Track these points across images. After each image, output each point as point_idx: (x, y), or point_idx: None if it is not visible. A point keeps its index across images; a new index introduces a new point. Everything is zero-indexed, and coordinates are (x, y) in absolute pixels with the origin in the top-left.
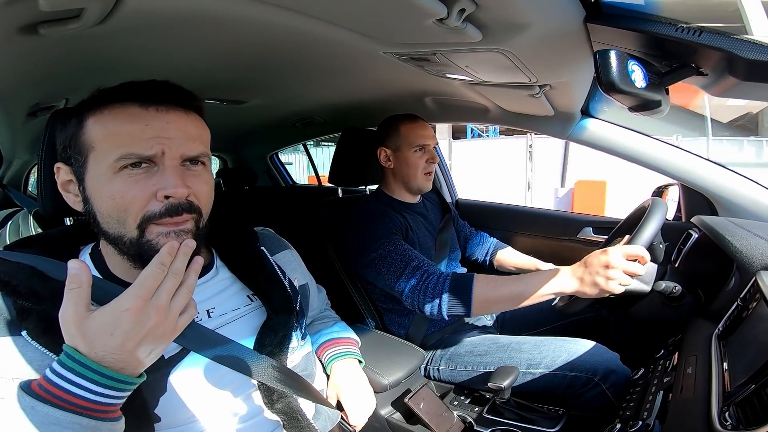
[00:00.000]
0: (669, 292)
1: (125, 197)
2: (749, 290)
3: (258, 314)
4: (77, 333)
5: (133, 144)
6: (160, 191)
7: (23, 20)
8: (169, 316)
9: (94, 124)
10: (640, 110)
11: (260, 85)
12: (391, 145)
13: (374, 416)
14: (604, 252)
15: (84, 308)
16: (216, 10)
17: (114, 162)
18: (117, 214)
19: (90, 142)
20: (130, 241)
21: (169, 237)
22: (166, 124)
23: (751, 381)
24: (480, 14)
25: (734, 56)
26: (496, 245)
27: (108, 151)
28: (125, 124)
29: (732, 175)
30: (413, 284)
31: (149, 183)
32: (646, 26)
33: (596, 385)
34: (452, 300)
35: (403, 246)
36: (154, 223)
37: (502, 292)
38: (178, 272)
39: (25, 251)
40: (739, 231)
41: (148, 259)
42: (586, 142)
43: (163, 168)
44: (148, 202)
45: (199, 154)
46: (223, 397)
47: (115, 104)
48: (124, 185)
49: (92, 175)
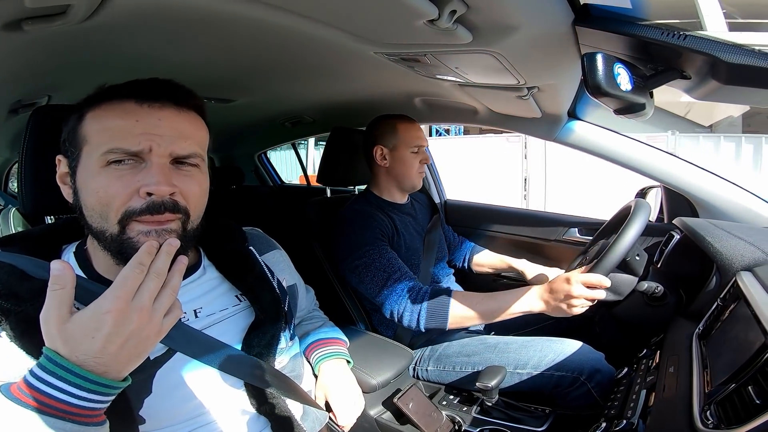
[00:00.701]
0: (651, 293)
1: (108, 191)
2: (729, 290)
3: (246, 315)
4: (58, 335)
5: (122, 139)
6: (143, 188)
7: (7, 17)
8: (153, 318)
9: (92, 118)
10: (625, 113)
11: (249, 83)
12: (388, 144)
13: (363, 416)
14: (567, 281)
15: (66, 310)
16: (204, 7)
17: (101, 156)
18: (100, 209)
19: (84, 135)
20: (111, 237)
21: (149, 236)
22: (157, 120)
23: (731, 380)
24: (471, 16)
25: (717, 60)
26: (473, 249)
27: (98, 145)
28: (117, 119)
29: (712, 178)
30: (394, 297)
31: (133, 179)
32: (633, 29)
33: (582, 385)
34: (430, 315)
35: (388, 255)
36: (136, 220)
37: (477, 309)
38: (160, 272)
39: (6, 250)
40: (719, 232)
41: (128, 256)
42: (573, 144)
43: (150, 165)
44: (131, 198)
45: (190, 154)
46: (209, 398)
47: (114, 100)
48: (108, 180)
49: (82, 168)
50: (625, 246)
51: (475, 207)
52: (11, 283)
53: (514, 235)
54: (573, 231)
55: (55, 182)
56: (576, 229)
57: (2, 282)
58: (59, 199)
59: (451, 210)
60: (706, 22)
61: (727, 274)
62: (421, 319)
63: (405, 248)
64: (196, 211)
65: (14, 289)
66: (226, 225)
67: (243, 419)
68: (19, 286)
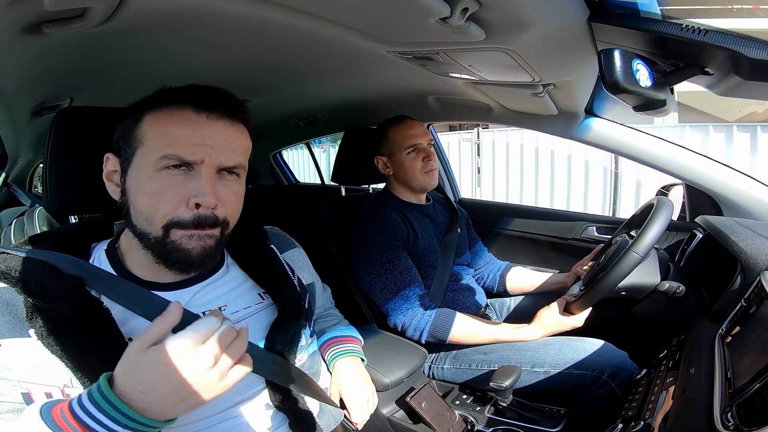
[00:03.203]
0: (673, 292)
1: (160, 197)
2: (753, 290)
3: (268, 312)
4: (132, 356)
5: (178, 146)
6: (192, 198)
7: (28, 20)
8: (218, 366)
9: (150, 122)
10: (645, 109)
11: (263, 83)
12: (385, 152)
13: (376, 415)
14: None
15: (151, 342)
16: (219, 9)
17: (157, 160)
18: (148, 212)
19: (141, 137)
20: (155, 239)
21: (192, 239)
22: (212, 132)
23: (754, 381)
24: (483, 13)
25: (740, 55)
26: (503, 271)
27: (154, 148)
28: (175, 126)
29: (737, 175)
30: (401, 311)
31: (184, 188)
32: (651, 25)
33: (604, 383)
34: (431, 334)
35: (401, 265)
36: (179, 228)
37: (478, 334)
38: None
39: (37, 247)
40: (744, 231)
41: (170, 258)
42: (590, 142)
43: (199, 174)
44: (179, 207)
45: (235, 165)
46: (233, 394)
47: (172, 105)
48: (161, 185)
49: (135, 169)
50: (613, 282)
51: (490, 205)
52: (43, 280)
53: (530, 233)
54: (591, 229)
55: (79, 182)
56: (594, 227)
57: (34, 279)
58: (83, 199)
59: (466, 208)
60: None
61: (752, 274)
62: (422, 336)
63: (422, 249)
64: (233, 218)
65: (46, 287)
66: (248, 224)
67: (263, 415)
68: (51, 284)
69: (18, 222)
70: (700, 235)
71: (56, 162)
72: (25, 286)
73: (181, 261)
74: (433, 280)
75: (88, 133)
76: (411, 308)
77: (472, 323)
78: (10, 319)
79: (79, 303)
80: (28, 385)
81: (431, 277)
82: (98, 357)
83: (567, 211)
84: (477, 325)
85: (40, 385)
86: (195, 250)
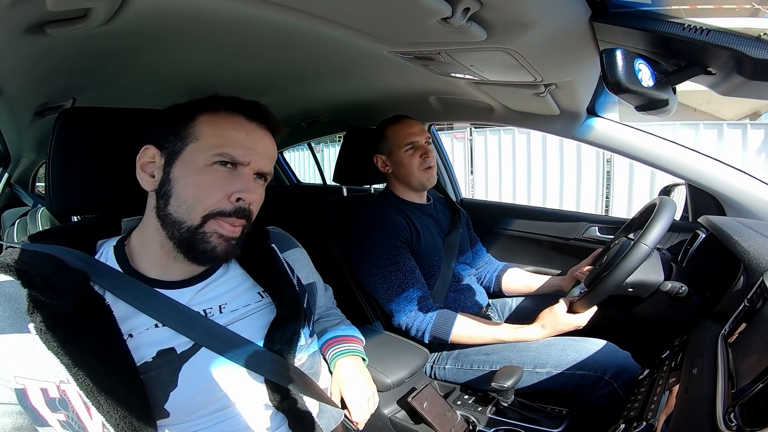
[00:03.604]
0: (675, 293)
1: (207, 189)
2: (756, 291)
3: (268, 311)
4: None
5: (232, 147)
6: (235, 193)
7: (30, 20)
8: None
9: (207, 120)
10: (647, 109)
11: (264, 84)
12: (384, 150)
13: (378, 415)
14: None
15: None
16: (221, 10)
17: (211, 156)
18: (192, 201)
19: (196, 133)
20: (188, 228)
21: (221, 239)
22: (259, 139)
23: (757, 381)
24: (485, 13)
25: (742, 55)
26: (499, 272)
27: (210, 146)
28: (232, 129)
29: (740, 175)
30: (404, 312)
31: (228, 184)
32: (653, 25)
33: (607, 384)
34: (432, 335)
35: (405, 266)
36: (216, 219)
37: (479, 335)
38: None
39: (42, 242)
40: (747, 231)
41: (195, 248)
42: (592, 142)
43: (242, 174)
44: (221, 200)
45: (269, 171)
46: (231, 393)
47: (226, 110)
48: (211, 178)
49: (185, 161)
50: (622, 276)
51: (492, 205)
52: (49, 274)
53: (532, 233)
54: (593, 230)
55: (81, 182)
56: (596, 227)
57: (41, 273)
58: (86, 199)
59: (468, 209)
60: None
61: (755, 274)
62: (425, 335)
63: (425, 248)
64: (254, 217)
65: (52, 281)
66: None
67: (262, 415)
68: (58, 278)
69: (21, 222)
70: (703, 235)
71: (59, 162)
72: (31, 280)
73: (206, 253)
74: (436, 279)
75: (90, 133)
76: (414, 309)
77: (473, 324)
78: (11, 314)
79: (81, 299)
80: (24, 381)
81: (435, 277)
82: (94, 354)
83: (569, 211)
84: (478, 325)
85: (37, 380)
86: (221, 247)
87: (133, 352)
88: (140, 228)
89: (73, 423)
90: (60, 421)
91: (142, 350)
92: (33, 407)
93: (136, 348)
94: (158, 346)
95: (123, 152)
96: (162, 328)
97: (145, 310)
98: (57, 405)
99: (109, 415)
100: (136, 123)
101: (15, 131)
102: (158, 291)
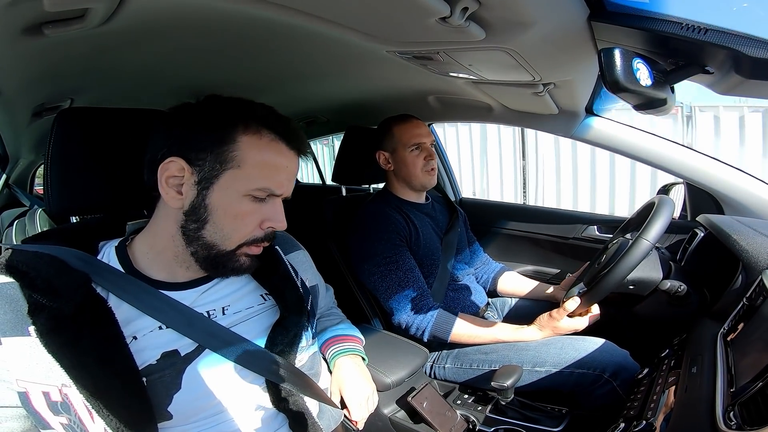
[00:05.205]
0: (674, 292)
1: (245, 220)
2: (755, 289)
3: (270, 313)
4: None
5: (272, 181)
6: (267, 222)
7: (28, 21)
8: None
9: (250, 145)
10: (645, 108)
11: (263, 84)
12: (388, 148)
13: (377, 415)
14: (551, 317)
15: None
16: (219, 10)
17: (254, 189)
18: (229, 229)
19: (238, 160)
20: (220, 252)
21: (247, 257)
22: (294, 167)
23: (757, 380)
24: (483, 13)
25: (740, 54)
26: (496, 273)
27: (253, 178)
28: (273, 158)
29: (738, 174)
30: (404, 311)
31: (261, 212)
32: (651, 24)
33: (606, 383)
34: (432, 334)
35: (405, 265)
36: (248, 246)
37: (478, 335)
38: None
39: (42, 243)
40: (746, 230)
41: (225, 266)
42: (591, 141)
43: (276, 204)
44: (255, 229)
45: (290, 195)
46: (234, 394)
47: (267, 131)
48: (247, 210)
49: (224, 187)
50: (624, 272)
51: (491, 205)
52: (50, 276)
53: (531, 233)
54: (592, 229)
55: (80, 183)
56: (595, 226)
57: (42, 274)
58: (84, 200)
59: (467, 208)
60: None
61: (753, 273)
62: (425, 334)
63: (424, 247)
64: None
65: (53, 283)
66: None
67: (263, 416)
68: (58, 280)
69: (19, 223)
70: (702, 234)
71: (57, 163)
72: (31, 282)
73: (233, 269)
74: (434, 278)
75: (88, 134)
76: (414, 308)
77: (473, 324)
78: (13, 316)
79: (82, 301)
80: (26, 384)
81: (433, 276)
82: (94, 357)
83: (568, 210)
84: (478, 325)
85: (38, 384)
86: (246, 263)
87: (136, 354)
88: (151, 234)
89: (75, 426)
90: (62, 424)
91: (146, 352)
92: (35, 410)
93: (140, 350)
94: (162, 349)
95: (122, 153)
96: (166, 330)
97: (146, 310)
98: (59, 408)
99: (110, 419)
100: (135, 123)
101: (13, 132)
102: (160, 292)
